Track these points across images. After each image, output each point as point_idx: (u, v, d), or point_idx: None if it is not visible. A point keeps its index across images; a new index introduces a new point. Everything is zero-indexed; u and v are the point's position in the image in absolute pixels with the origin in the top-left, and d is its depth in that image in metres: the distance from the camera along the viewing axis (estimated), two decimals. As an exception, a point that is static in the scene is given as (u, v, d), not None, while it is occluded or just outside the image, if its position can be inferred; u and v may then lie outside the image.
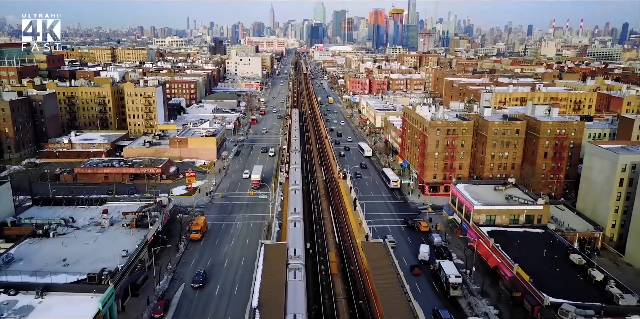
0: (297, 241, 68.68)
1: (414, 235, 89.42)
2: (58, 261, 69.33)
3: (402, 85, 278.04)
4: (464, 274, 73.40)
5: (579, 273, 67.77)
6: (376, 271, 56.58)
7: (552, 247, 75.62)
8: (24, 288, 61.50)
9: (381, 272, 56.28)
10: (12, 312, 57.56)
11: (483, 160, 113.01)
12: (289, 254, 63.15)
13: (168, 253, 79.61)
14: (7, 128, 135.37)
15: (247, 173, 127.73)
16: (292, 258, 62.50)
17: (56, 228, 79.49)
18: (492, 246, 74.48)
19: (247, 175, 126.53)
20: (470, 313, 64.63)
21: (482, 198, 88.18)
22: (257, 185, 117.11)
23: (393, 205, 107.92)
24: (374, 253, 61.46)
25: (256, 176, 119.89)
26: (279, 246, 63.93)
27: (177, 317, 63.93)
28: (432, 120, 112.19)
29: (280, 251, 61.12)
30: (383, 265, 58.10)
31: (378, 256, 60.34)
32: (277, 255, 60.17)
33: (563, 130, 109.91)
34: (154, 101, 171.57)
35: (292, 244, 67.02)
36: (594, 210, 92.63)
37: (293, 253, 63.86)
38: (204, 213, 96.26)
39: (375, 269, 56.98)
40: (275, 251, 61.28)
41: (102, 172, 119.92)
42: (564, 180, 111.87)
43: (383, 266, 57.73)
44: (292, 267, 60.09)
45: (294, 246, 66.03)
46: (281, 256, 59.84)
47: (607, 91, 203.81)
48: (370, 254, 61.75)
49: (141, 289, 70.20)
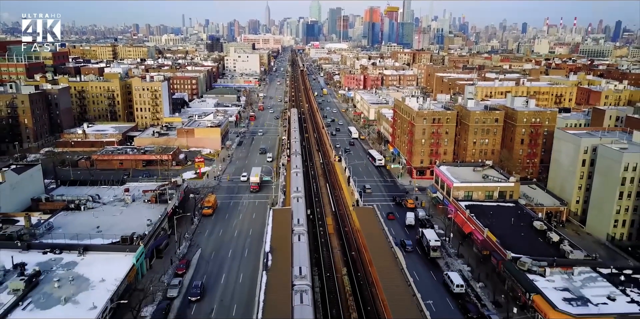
0: (300, 212, 79.73)
1: (401, 210, 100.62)
2: (92, 229, 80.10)
3: (395, 81, 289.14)
4: (443, 241, 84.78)
5: (539, 236, 79.33)
6: (366, 229, 67.92)
7: (519, 217, 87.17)
8: (67, 248, 72.41)
9: (370, 229, 67.65)
10: (60, 266, 68.45)
11: (465, 146, 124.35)
12: (293, 222, 74.25)
13: (184, 225, 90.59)
14: (27, 119, 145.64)
15: (244, 176, 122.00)
16: (296, 226, 73.54)
17: (86, 203, 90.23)
18: (467, 216, 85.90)
19: (245, 178, 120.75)
20: (447, 269, 75.93)
21: (462, 177, 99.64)
22: (256, 187, 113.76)
23: (384, 187, 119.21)
24: (364, 215, 72.87)
25: (255, 179, 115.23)
26: (285, 210, 75.18)
27: (196, 274, 74.92)
28: (419, 110, 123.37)
29: (287, 214, 72.34)
30: (371, 224, 69.48)
31: (367, 218, 71.70)
32: (284, 217, 71.41)
33: (538, 119, 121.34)
34: (160, 95, 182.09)
35: (295, 215, 78.13)
36: (561, 188, 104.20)
37: (297, 222, 74.96)
38: (213, 192, 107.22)
39: (365, 227, 68.35)
40: (282, 214, 72.54)
41: (118, 159, 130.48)
42: (539, 164, 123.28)
43: (371, 225, 69.10)
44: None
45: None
46: (287, 219, 71.13)
47: (588, 86, 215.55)
48: (360, 216, 73.15)
49: (164, 253, 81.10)
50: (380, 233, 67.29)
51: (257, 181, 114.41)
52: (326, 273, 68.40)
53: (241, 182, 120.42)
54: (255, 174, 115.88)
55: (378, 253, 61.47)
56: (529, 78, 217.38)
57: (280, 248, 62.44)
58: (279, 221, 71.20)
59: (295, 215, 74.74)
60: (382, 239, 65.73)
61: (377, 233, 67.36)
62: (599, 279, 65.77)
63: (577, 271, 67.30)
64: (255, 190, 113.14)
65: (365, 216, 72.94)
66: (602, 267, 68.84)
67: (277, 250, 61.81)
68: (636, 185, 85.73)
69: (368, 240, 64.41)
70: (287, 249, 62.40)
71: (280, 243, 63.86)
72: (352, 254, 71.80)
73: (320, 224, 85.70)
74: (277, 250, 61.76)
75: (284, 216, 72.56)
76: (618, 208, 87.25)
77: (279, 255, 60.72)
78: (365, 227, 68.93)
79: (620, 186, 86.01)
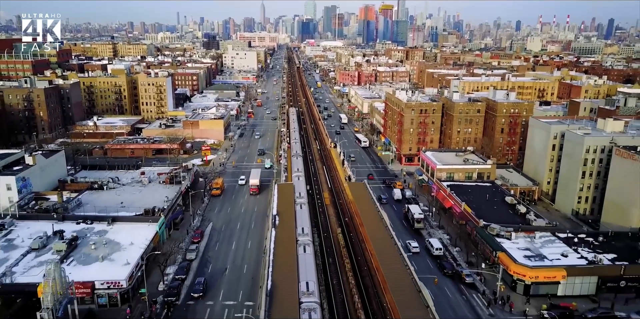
0: (301, 188, 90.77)
1: (390, 190, 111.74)
2: (117, 204, 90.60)
3: (389, 77, 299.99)
4: (426, 214, 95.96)
5: (510, 209, 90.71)
6: (358, 200, 78.97)
7: (494, 194, 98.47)
8: (97, 219, 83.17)
9: (361, 200, 78.68)
10: (93, 234, 79.04)
11: (450, 134, 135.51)
12: (295, 195, 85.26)
13: (196, 204, 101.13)
14: (42, 112, 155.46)
15: (242, 180, 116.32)
16: (298, 198, 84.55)
17: (108, 184, 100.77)
18: (448, 193, 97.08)
19: (243, 182, 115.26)
20: (429, 238, 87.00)
21: (445, 161, 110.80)
22: (256, 190, 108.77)
23: (375, 172, 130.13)
24: (356, 189, 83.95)
25: (254, 181, 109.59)
26: (289, 185, 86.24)
27: (210, 243, 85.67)
28: (407, 102, 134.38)
29: (290, 188, 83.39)
30: (363, 196, 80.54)
31: (359, 191, 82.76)
32: (288, 191, 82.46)
33: (516, 110, 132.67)
34: (165, 90, 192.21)
35: (297, 189, 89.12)
36: (535, 171, 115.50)
37: (299, 195, 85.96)
38: (220, 176, 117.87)
39: (358, 198, 79.40)
40: (286, 188, 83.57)
41: (129, 148, 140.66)
42: (517, 151, 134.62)
43: (363, 197, 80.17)
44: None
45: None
46: (290, 192, 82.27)
47: (570, 81, 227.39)
48: (353, 189, 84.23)
49: (180, 226, 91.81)
50: (370, 202, 78.36)
51: (257, 183, 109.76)
52: (324, 233, 79.91)
53: (245, 167, 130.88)
54: (254, 176, 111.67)
55: (368, 217, 72.59)
56: (514, 74, 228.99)
57: (285, 212, 73.63)
58: (283, 193, 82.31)
59: (297, 190, 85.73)
60: (372, 207, 76.77)
61: (367, 202, 78.50)
62: (556, 242, 77.03)
63: (538, 235, 78.52)
64: (255, 192, 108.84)
65: (357, 189, 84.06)
66: (560, 232, 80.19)
67: (283, 213, 72.99)
68: (596, 165, 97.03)
69: (359, 207, 75.48)
70: (291, 214, 73.41)
71: (286, 209, 75.00)
72: (346, 220, 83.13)
73: (318, 198, 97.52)
74: (283, 213, 72.93)
75: (287, 190, 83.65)
76: (581, 186, 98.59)
77: (285, 217, 71.85)
78: (357, 197, 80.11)
79: (583, 166, 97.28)
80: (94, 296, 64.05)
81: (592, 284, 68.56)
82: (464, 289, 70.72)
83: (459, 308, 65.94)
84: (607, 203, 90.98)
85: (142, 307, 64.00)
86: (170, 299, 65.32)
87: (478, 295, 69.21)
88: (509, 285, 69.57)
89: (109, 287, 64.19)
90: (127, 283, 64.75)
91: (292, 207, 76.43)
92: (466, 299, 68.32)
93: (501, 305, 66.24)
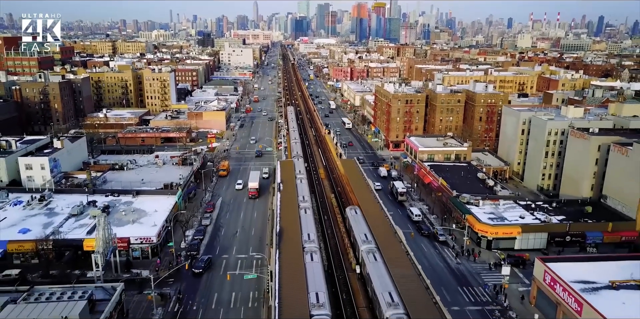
0: (300, 165, 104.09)
1: (377, 171, 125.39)
2: (137, 182, 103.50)
3: (380, 72, 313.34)
4: (409, 189, 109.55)
5: (480, 183, 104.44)
6: (349, 174, 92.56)
7: (468, 172, 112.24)
8: (123, 193, 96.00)
9: (352, 174, 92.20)
10: (121, 204, 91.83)
11: (433, 123, 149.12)
12: (295, 171, 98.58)
13: (206, 183, 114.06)
14: (57, 104, 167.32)
15: (240, 184, 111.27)
16: (298, 174, 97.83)
17: (127, 165, 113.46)
18: (428, 171, 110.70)
19: (241, 186, 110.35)
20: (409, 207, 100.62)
21: (426, 144, 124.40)
22: (255, 193, 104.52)
23: (365, 157, 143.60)
24: (347, 164, 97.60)
25: (253, 184, 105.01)
26: (289, 161, 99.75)
27: (221, 212, 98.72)
28: (394, 93, 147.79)
29: (290, 165, 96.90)
30: (353, 170, 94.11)
31: (350, 167, 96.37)
32: (289, 167, 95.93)
33: (493, 100, 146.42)
34: (168, 84, 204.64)
35: (297, 167, 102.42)
36: (507, 153, 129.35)
37: (298, 172, 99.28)
38: (226, 159, 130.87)
39: (348, 170, 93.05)
40: (287, 164, 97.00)
41: (140, 136, 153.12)
42: (494, 137, 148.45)
43: (353, 171, 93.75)
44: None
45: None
46: (291, 168, 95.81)
47: (549, 75, 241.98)
48: (345, 165, 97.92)
49: (193, 199, 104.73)
50: (359, 174, 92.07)
51: (256, 186, 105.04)
52: (320, 199, 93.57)
53: (247, 153, 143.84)
54: (253, 179, 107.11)
55: (357, 185, 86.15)
56: (497, 69, 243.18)
57: (288, 182, 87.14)
58: (285, 168, 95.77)
59: (296, 167, 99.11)
60: (360, 178, 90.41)
61: (356, 174, 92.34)
62: (517, 208, 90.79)
63: (502, 203, 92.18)
64: (254, 196, 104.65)
65: (347, 164, 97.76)
66: (521, 200, 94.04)
67: (286, 183, 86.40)
68: (557, 146, 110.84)
69: (350, 178, 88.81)
70: (292, 184, 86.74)
71: (288, 180, 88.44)
72: (338, 189, 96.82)
73: (315, 174, 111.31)
74: (285, 182, 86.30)
75: (288, 166, 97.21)
76: (545, 164, 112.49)
77: (288, 186, 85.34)
78: (347, 170, 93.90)
79: (546, 147, 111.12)
80: (129, 250, 76.99)
81: (542, 239, 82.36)
82: (438, 246, 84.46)
83: (432, 259, 79.53)
84: (564, 177, 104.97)
85: (169, 259, 76.97)
86: (192, 252, 78.54)
87: (449, 249, 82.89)
88: (475, 241, 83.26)
89: (142, 242, 77.21)
90: (157, 238, 77.78)
91: (294, 179, 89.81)
92: (439, 253, 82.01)
93: (467, 256, 79.93)
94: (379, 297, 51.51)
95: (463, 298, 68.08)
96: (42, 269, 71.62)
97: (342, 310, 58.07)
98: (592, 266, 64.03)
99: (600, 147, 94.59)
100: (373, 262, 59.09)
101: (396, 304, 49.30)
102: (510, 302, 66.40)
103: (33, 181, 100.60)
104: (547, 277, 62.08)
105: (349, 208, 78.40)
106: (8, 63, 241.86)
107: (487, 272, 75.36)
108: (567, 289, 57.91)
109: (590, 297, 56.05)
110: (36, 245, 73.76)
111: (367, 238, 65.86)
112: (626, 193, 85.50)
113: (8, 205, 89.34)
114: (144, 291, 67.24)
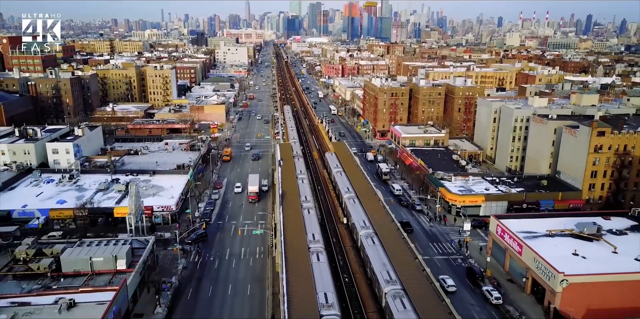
0: (297, 148, 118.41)
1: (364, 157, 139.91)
2: (153, 163, 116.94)
3: (370, 70, 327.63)
4: (392, 170, 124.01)
5: (454, 163, 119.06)
6: (340, 153, 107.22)
7: (445, 155, 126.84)
8: (141, 172, 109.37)
9: (342, 153, 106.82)
10: (140, 181, 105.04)
11: (416, 113, 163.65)
12: (293, 153, 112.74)
13: (211, 166, 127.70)
14: (68, 99, 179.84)
15: (239, 187, 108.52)
16: (295, 155, 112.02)
17: (141, 150, 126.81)
18: (409, 153, 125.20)
19: (240, 190, 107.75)
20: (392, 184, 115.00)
21: (408, 132, 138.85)
22: (255, 197, 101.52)
23: (355, 145, 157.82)
24: (337, 146, 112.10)
25: (253, 188, 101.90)
26: (287, 144, 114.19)
27: (227, 190, 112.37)
28: (381, 87, 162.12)
29: (288, 147, 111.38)
30: (344, 151, 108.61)
31: (340, 147, 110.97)
32: (287, 149, 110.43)
33: (470, 93, 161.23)
34: (170, 81, 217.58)
35: (294, 149, 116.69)
36: (482, 140, 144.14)
37: (296, 153, 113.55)
38: (229, 146, 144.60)
39: (339, 152, 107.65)
40: (285, 146, 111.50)
41: (148, 127, 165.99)
42: (472, 127, 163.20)
43: (344, 152, 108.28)
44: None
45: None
46: (289, 150, 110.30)
47: (528, 71, 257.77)
48: (335, 146, 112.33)
49: (201, 180, 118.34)
50: (348, 154, 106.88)
51: (256, 190, 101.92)
52: (314, 174, 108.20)
53: (247, 141, 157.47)
54: (253, 182, 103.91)
55: (346, 162, 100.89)
56: (479, 65, 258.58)
57: (286, 159, 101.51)
58: (283, 150, 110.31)
59: (294, 149, 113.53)
60: (350, 157, 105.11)
61: (346, 153, 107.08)
62: (484, 182, 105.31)
63: (471, 179, 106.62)
64: (254, 200, 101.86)
65: (338, 146, 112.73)
66: (487, 177, 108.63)
67: (285, 160, 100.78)
68: (523, 131, 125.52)
69: (340, 157, 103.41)
70: (291, 162, 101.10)
71: (286, 158, 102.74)
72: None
73: (309, 155, 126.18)
74: (285, 160, 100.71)
75: (287, 148, 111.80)
76: (512, 148, 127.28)
77: (286, 163, 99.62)
78: (338, 150, 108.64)
79: (513, 132, 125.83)
80: (152, 217, 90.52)
81: (503, 207, 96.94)
82: (415, 213, 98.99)
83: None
84: (528, 158, 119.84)
85: (186, 225, 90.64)
86: (206, 219, 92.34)
87: (424, 216, 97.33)
88: (446, 209, 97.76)
89: (163, 210, 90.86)
90: (175, 207, 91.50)
91: (292, 158, 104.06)
92: (415, 219, 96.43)
93: (438, 221, 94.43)
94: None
95: (433, 250, 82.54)
96: (80, 232, 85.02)
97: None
98: (535, 221, 78.70)
99: (556, 130, 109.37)
100: (352, 204, 73.74)
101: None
102: (471, 253, 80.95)
103: (59, 164, 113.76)
104: (499, 229, 76.61)
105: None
106: (13, 62, 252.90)
107: (455, 233, 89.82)
108: (513, 237, 72.46)
109: (530, 242, 70.59)
110: (74, 212, 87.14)
111: (348, 190, 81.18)
112: (575, 168, 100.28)
113: (42, 183, 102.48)
114: (168, 247, 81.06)
